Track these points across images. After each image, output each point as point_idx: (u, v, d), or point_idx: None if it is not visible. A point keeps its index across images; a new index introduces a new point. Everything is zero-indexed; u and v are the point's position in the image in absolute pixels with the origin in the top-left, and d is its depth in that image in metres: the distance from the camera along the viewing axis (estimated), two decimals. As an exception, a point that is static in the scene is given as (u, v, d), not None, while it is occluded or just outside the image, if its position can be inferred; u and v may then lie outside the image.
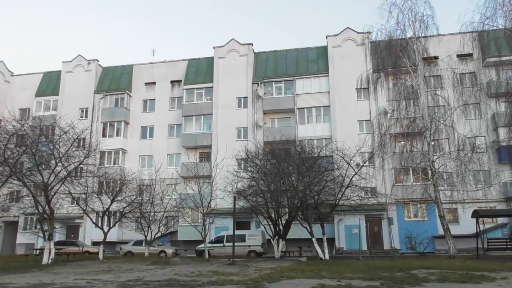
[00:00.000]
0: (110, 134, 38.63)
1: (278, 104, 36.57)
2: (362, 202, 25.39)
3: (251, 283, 11.10)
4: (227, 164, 28.80)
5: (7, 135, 20.25)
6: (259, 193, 25.69)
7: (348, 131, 32.65)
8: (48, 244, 20.83)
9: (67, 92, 40.26)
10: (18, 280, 12.71)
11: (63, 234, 35.06)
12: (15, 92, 41.62)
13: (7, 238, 37.50)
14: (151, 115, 39.38)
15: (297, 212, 24.99)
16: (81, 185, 23.87)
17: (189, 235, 31.44)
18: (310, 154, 27.13)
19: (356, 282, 11.11)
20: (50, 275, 14.36)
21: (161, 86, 39.94)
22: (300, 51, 38.65)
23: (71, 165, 21.85)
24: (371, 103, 33.60)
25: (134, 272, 14.85)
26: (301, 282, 11.58)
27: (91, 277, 13.20)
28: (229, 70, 37.93)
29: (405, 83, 25.51)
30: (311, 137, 34.26)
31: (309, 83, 36.59)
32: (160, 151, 37.23)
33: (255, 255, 27.07)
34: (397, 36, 25.22)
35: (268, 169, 26.14)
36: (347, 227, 29.95)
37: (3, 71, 42.22)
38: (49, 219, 21.51)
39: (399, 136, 25.68)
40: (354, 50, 34.64)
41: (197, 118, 37.77)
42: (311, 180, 24.01)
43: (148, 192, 29.18)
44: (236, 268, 16.28)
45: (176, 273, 14.32)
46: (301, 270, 14.64)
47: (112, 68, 41.89)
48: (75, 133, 21.85)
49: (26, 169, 21.57)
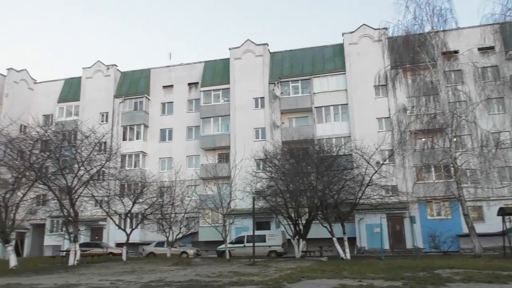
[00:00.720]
0: (130, 137, 39.28)
1: (295, 104, 36.50)
2: (383, 201, 25.11)
3: (271, 284, 11.14)
4: (245, 164, 28.89)
5: (32, 141, 20.82)
6: (278, 193, 25.67)
7: (367, 129, 32.37)
8: (74, 246, 21.34)
9: (88, 98, 41.10)
10: (45, 281, 13.07)
11: (87, 236, 35.75)
12: (38, 99, 42.71)
13: (35, 240, 38.53)
14: (169, 117, 39.85)
15: (317, 211, 24.88)
16: (103, 188, 24.32)
17: (210, 236, 31.68)
18: (329, 153, 26.97)
19: (378, 282, 11.02)
20: (75, 276, 14.71)
21: (178, 89, 40.36)
22: (316, 49, 38.47)
23: (93, 168, 22.32)
24: (389, 100, 33.24)
25: (156, 273, 15.08)
26: (321, 282, 11.55)
27: (115, 278, 13.46)
28: (245, 71, 38.05)
29: (424, 79, 25.08)
30: (329, 135, 34.08)
31: (326, 81, 36.40)
32: (179, 153, 37.63)
33: (276, 255, 27.05)
34: (415, 31, 24.80)
35: (287, 169, 26.09)
36: (368, 226, 29.65)
37: (26, 79, 43.32)
38: (74, 221, 22.04)
39: (420, 133, 25.29)
40: (371, 46, 34.31)
41: (215, 119, 38.01)
42: (330, 179, 23.87)
43: (168, 193, 29.52)
44: (256, 268, 16.34)
45: (197, 273, 14.47)
46: (321, 270, 14.60)
47: (130, 72, 42.56)
48: (96, 137, 22.30)
49: (50, 173, 22.11)
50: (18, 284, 12.38)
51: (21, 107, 39.36)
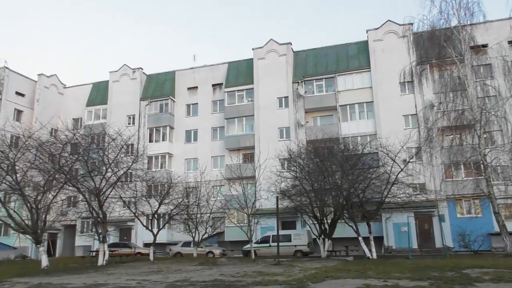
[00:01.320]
0: (156, 139, 39.95)
1: (319, 102, 36.28)
2: (410, 199, 24.65)
3: (295, 283, 11.11)
4: (270, 164, 28.87)
5: (61, 144, 21.43)
6: (303, 192, 25.54)
7: (393, 127, 31.87)
8: (102, 246, 21.87)
9: (115, 101, 42.03)
10: (75, 281, 13.46)
11: (116, 236, 36.56)
12: (68, 103, 44.02)
13: (67, 240, 39.71)
14: (194, 119, 40.30)
15: (342, 210, 24.66)
16: (130, 189, 24.81)
17: (235, 236, 31.86)
18: (354, 151, 26.66)
19: (404, 282, 10.83)
20: (104, 276, 15.07)
21: (203, 90, 40.76)
22: (340, 47, 38.13)
23: (120, 170, 22.79)
24: (416, 97, 32.63)
25: (182, 273, 15.27)
26: (346, 282, 11.44)
27: (142, 278, 13.72)
28: (269, 70, 38.07)
29: (452, 74, 24.43)
30: (355, 134, 33.76)
31: (350, 79, 36.04)
32: (204, 154, 38.00)
33: (302, 255, 26.96)
34: (441, 25, 24.18)
35: (311, 168, 25.95)
36: (395, 225, 29.14)
37: (56, 84, 44.69)
38: (103, 222, 22.61)
39: (447, 130, 24.67)
40: (396, 43, 33.68)
41: (239, 120, 38.20)
42: (355, 178, 23.61)
43: (194, 194, 29.83)
44: (281, 268, 16.33)
45: (222, 273, 14.57)
46: (346, 270, 14.45)
47: (155, 75, 43.28)
48: (123, 139, 22.76)
49: (79, 175, 22.72)
50: (49, 284, 12.79)
51: (52, 111, 40.63)
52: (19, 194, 20.37)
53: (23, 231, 20.89)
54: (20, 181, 20.24)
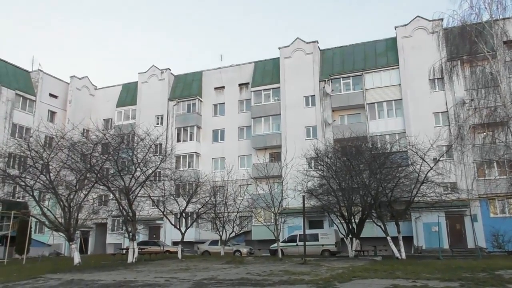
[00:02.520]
0: (184, 139, 40.48)
1: (347, 101, 35.90)
2: (441, 199, 24.09)
3: (321, 283, 11.06)
4: (296, 163, 28.76)
5: (92, 144, 22.05)
6: (330, 191, 25.37)
7: (423, 124, 31.21)
8: (132, 244, 22.36)
9: (144, 101, 42.84)
10: (105, 277, 13.83)
11: (145, 234, 37.28)
12: (98, 104, 45.20)
13: (98, 238, 40.84)
14: (221, 118, 40.61)
15: (370, 210, 24.36)
16: (159, 188, 25.29)
17: (262, 235, 31.92)
18: (382, 150, 26.27)
19: (433, 283, 10.60)
20: (133, 273, 15.40)
21: (229, 90, 41.02)
22: (368, 44, 37.60)
23: (149, 169, 23.23)
24: (446, 94, 31.81)
25: (210, 271, 15.42)
26: (373, 282, 11.29)
27: (170, 276, 13.95)
28: (295, 69, 37.95)
29: (484, 70, 23.64)
30: (383, 132, 33.25)
31: (378, 77, 35.50)
32: (231, 153, 38.25)
33: (329, 254, 26.78)
34: (472, 20, 23.43)
35: (339, 167, 25.73)
36: (425, 224, 28.53)
37: (88, 86, 45.97)
38: (132, 220, 23.10)
39: (479, 127, 23.86)
40: (426, 39, 32.93)
41: (266, 119, 38.24)
42: (383, 177, 23.28)
43: (221, 193, 30.07)
44: (308, 267, 16.25)
45: (249, 272, 14.64)
46: (374, 270, 14.26)
47: (183, 75, 43.86)
48: (151, 139, 23.19)
49: (110, 175, 23.30)
50: (80, 280, 13.19)
51: (83, 112, 41.85)
52: (53, 193, 21.10)
53: (57, 229, 21.61)
54: (54, 180, 20.95)
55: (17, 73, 40.48)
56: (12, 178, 20.90)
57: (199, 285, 11.53)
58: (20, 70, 41.10)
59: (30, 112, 39.98)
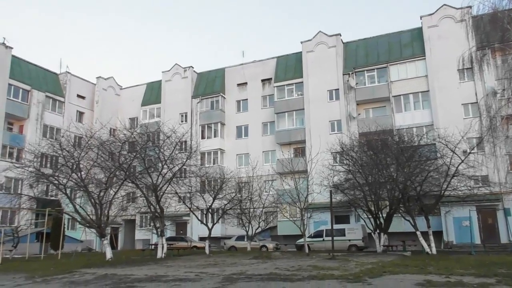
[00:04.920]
0: (208, 135, 40.78)
1: (371, 94, 35.39)
2: (472, 192, 23.48)
3: (351, 278, 10.95)
4: (322, 158, 28.54)
5: (120, 143, 22.48)
6: (356, 186, 25.11)
7: (452, 116, 30.43)
8: (161, 240, 22.71)
9: (168, 99, 43.31)
10: (137, 272, 14.10)
11: (173, 230, 37.84)
12: (124, 104, 45.98)
13: (127, 234, 41.67)
14: (244, 114, 40.68)
15: (398, 204, 23.97)
16: (185, 185, 25.58)
17: (288, 230, 31.88)
18: (409, 143, 25.76)
19: (468, 279, 10.34)
20: (163, 268, 15.64)
21: (252, 86, 41.03)
22: (392, 35, 36.87)
23: (175, 166, 23.53)
24: (476, 84, 30.95)
25: (238, 266, 15.52)
26: (405, 277, 11.10)
27: (199, 270, 14.10)
28: (318, 63, 37.59)
29: (516, 59, 22.87)
30: (410, 125, 32.64)
31: (404, 68, 34.82)
32: (256, 149, 38.30)
33: (356, 250, 26.55)
34: (503, 7, 22.61)
35: (365, 161, 25.41)
36: (456, 219, 27.87)
37: (113, 86, 46.81)
38: (160, 217, 23.46)
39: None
40: (453, 28, 32.02)
41: (289, 114, 38.10)
42: (411, 171, 22.84)
43: (246, 189, 30.18)
44: (336, 262, 16.15)
45: (277, 267, 14.65)
46: (405, 265, 14.05)
47: (206, 73, 44.09)
48: (177, 137, 23.47)
49: (137, 172, 23.72)
50: (114, 275, 13.47)
51: (110, 112, 42.61)
52: (84, 190, 21.65)
53: (89, 225, 22.15)
54: (85, 179, 21.46)
55: (47, 76, 41.55)
56: (46, 177, 21.52)
57: (229, 280, 11.59)
58: (49, 73, 42.15)
59: (59, 113, 40.99)
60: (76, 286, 11.40)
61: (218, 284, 10.73)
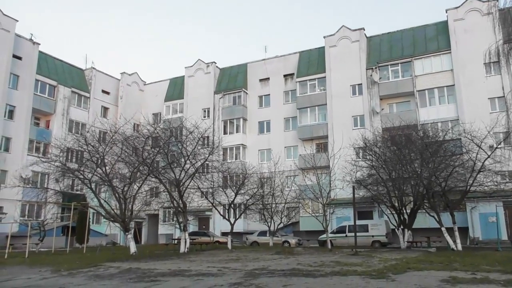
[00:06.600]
0: (230, 131, 40.97)
1: (395, 88, 34.89)
2: (499, 188, 22.93)
3: (375, 274, 10.87)
4: (344, 153, 28.36)
5: (144, 138, 22.80)
6: (380, 181, 24.84)
7: (478, 111, 29.73)
8: (184, 235, 22.99)
9: (191, 95, 43.69)
10: (161, 266, 14.33)
11: (195, 225, 38.25)
12: (148, 99, 46.66)
13: (151, 229, 42.36)
14: (267, 110, 40.69)
15: (423, 200, 23.61)
16: (208, 180, 25.77)
17: (310, 226, 31.84)
18: (434, 138, 25.29)
19: (494, 276, 10.14)
20: (186, 262, 15.85)
21: (274, 81, 40.96)
22: (417, 29, 36.20)
23: (198, 162, 23.71)
24: (503, 78, 30.20)
25: (260, 261, 15.59)
26: (429, 274, 10.95)
27: (222, 265, 14.23)
28: (341, 58, 37.25)
29: (545, 52, 22.13)
30: (434, 120, 32.04)
31: (429, 62, 34.18)
32: (278, 144, 38.28)
33: (379, 246, 26.30)
34: (532, -1, 21.96)
35: (388, 156, 25.07)
36: (482, 215, 27.29)
37: (137, 82, 47.52)
38: (183, 212, 23.73)
39: (540, 112, 22.50)
40: (480, 21, 31.23)
41: (312, 109, 37.92)
42: (436, 166, 22.42)
43: (268, 184, 30.20)
44: (359, 258, 16.04)
45: (299, 262, 14.65)
46: (429, 262, 13.86)
47: (228, 68, 44.25)
48: (199, 132, 23.65)
49: (161, 167, 24.02)
50: (138, 269, 13.74)
51: (134, 107, 43.27)
52: (109, 185, 22.05)
53: (113, 220, 22.58)
54: (109, 173, 21.87)
55: (72, 72, 42.48)
56: (71, 172, 21.98)
57: (252, 275, 11.67)
58: (75, 68, 43.10)
59: (85, 108, 41.90)
60: (101, 280, 11.63)
61: (240, 279, 10.81)
